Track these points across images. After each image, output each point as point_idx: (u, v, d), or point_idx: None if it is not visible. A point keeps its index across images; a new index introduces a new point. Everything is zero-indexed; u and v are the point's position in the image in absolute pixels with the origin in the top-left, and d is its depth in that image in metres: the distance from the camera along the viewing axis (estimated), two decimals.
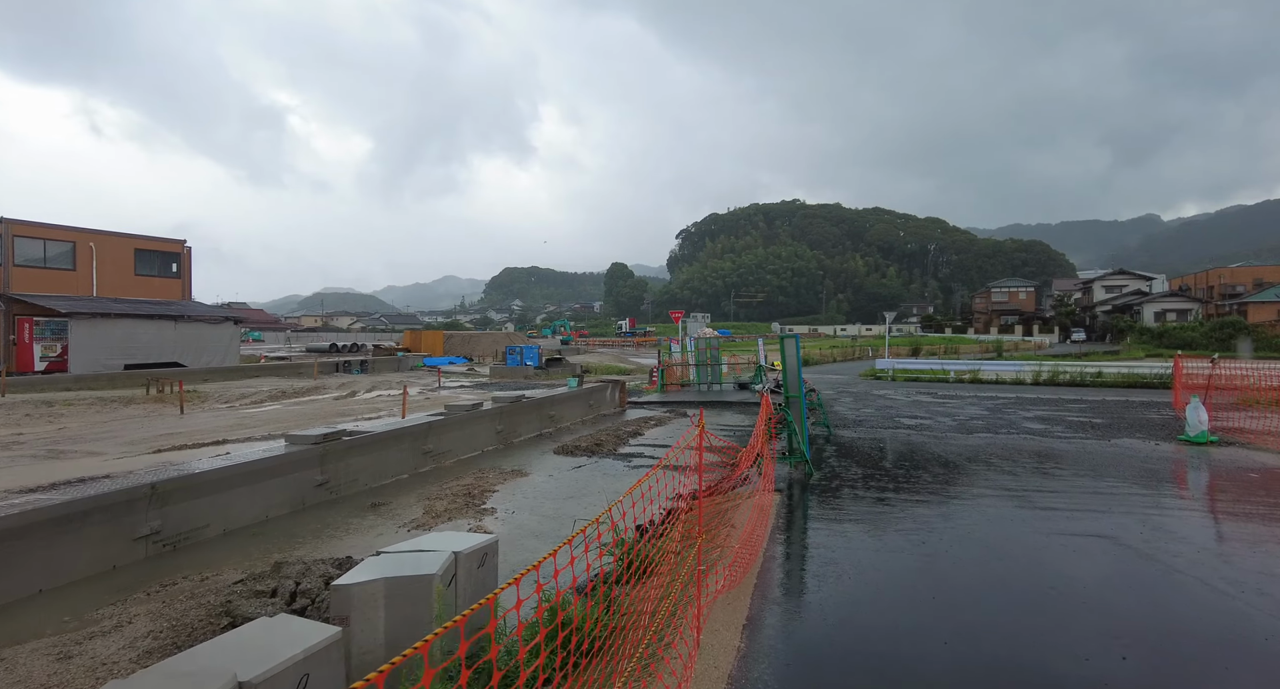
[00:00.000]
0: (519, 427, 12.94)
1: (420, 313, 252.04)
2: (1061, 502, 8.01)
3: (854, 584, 5.47)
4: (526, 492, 8.70)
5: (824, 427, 13.21)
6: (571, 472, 10.00)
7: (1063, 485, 8.79)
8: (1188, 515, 7.48)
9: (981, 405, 17.88)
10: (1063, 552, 6.20)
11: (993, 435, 12.80)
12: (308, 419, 15.16)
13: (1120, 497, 8.23)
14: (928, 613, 4.91)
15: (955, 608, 5.00)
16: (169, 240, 30.20)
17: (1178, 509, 7.73)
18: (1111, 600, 5.11)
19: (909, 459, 10.63)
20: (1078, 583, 5.45)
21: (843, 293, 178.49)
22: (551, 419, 14.32)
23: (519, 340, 47.52)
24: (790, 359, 9.09)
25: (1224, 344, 51.83)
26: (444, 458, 10.58)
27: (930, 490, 8.59)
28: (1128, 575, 5.64)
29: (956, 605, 5.04)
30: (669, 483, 9.47)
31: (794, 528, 7.08)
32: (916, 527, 7.00)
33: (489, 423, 11.99)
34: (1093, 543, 6.46)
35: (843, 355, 44.30)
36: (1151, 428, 13.55)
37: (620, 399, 18.44)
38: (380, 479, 9.22)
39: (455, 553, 4.20)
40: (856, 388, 23.68)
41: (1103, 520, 7.22)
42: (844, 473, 9.57)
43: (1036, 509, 7.68)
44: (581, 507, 7.93)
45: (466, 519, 7.33)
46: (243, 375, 26.34)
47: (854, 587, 5.42)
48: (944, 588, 5.36)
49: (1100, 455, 10.74)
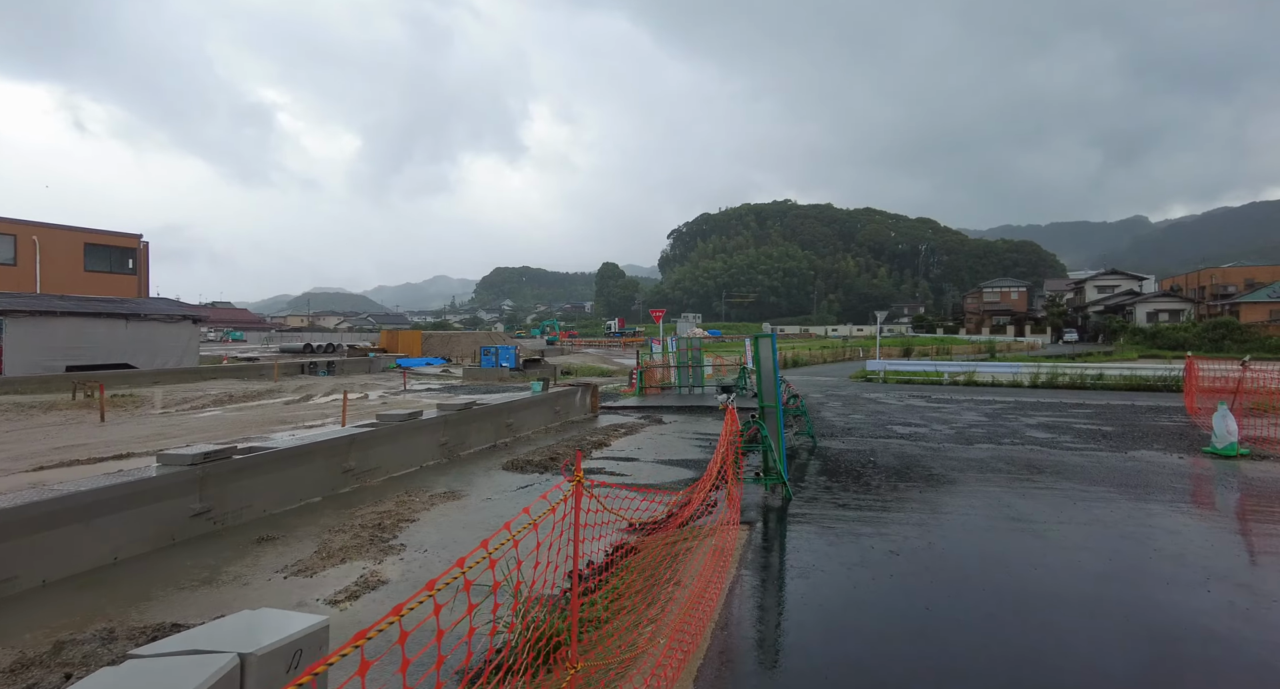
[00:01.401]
0: (468, 437, 11.56)
1: (410, 313, 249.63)
2: (1093, 539, 6.72)
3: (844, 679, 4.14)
4: (453, 521, 7.33)
5: (808, 436, 11.90)
6: (516, 493, 8.63)
7: (1085, 513, 7.51)
8: (1266, 565, 6.21)
9: (979, 411, 16.65)
10: (1119, 625, 4.90)
11: (995, 447, 11.54)
12: (242, 426, 13.71)
13: (1160, 530, 6.95)
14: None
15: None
16: (123, 235, 28.57)
17: (1237, 552, 6.46)
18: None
19: (905, 476, 9.33)
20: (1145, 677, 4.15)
21: (834, 293, 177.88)
22: (509, 428, 12.94)
23: (499, 340, 46.07)
24: (765, 362, 7.77)
25: (1216, 345, 51.08)
26: (370, 476, 9.19)
27: (933, 520, 7.29)
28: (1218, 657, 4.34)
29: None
30: (626, 507, 8.15)
31: (765, 581, 5.59)
32: (920, 575, 5.69)
33: (430, 434, 10.60)
34: (1149, 608, 5.17)
35: (833, 356, 43.14)
36: (1168, 437, 12.33)
37: (592, 404, 17.09)
38: (285, 504, 7.81)
39: (242, 657, 2.83)
40: (846, 391, 22.43)
41: (1152, 570, 5.94)
42: (829, 496, 8.24)
43: (1064, 549, 6.38)
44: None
45: (363, 561, 5.96)
46: (197, 378, 24.78)
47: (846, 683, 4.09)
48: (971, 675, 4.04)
49: (1120, 472, 9.48)
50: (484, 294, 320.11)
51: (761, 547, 6.49)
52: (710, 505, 7.08)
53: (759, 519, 7.28)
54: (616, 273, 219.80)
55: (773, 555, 6.23)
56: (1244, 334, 53.35)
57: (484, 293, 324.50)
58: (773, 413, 7.55)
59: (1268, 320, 58.01)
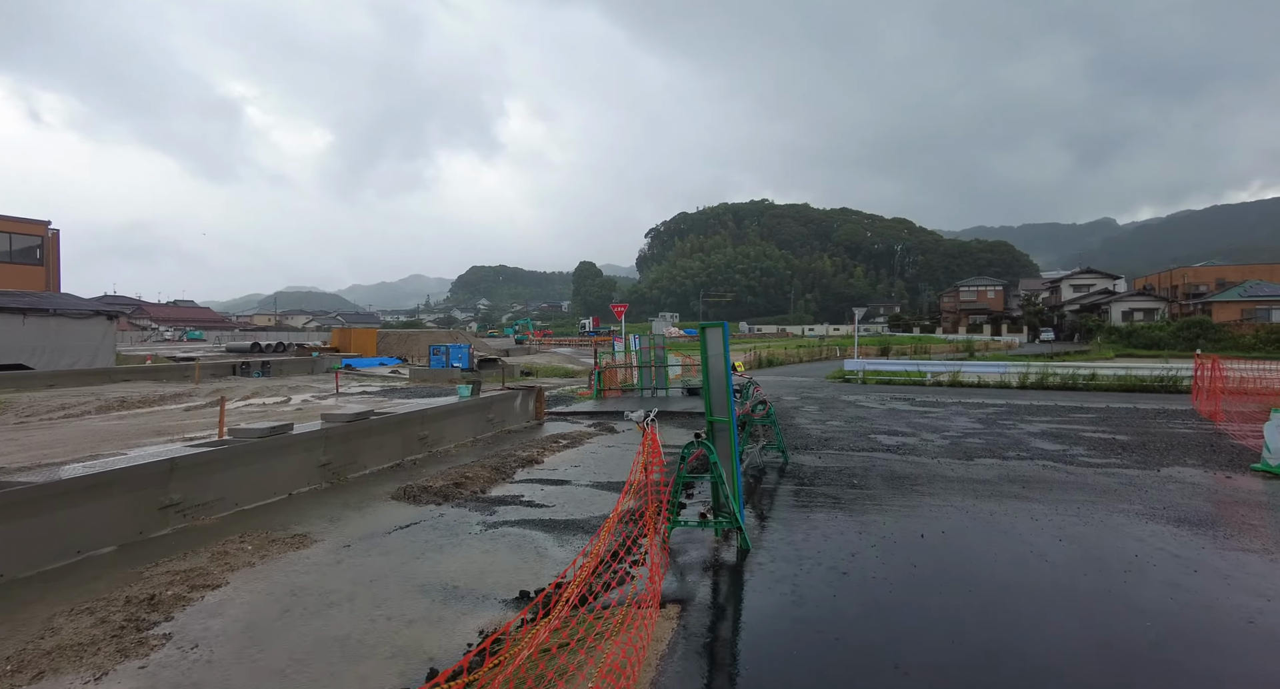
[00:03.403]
0: (361, 455, 9.37)
1: (383, 312, 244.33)
2: (1176, 605, 4.81)
3: None
4: (275, 587, 5.19)
5: (778, 451, 9.92)
6: (389, 536, 6.51)
7: (1139, 558, 5.61)
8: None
9: (971, 416, 14.85)
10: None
11: (1001, 462, 9.67)
12: (99, 441, 11.34)
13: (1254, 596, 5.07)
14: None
15: None
16: (28, 221, 25.72)
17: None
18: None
19: (898, 507, 7.38)
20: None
21: (811, 293, 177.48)
22: (423, 442, 10.76)
23: (464, 340, 43.58)
24: (715, 362, 5.73)
25: (1190, 344, 50.60)
26: (205, 512, 6.99)
27: (953, 584, 5.33)
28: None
29: None
30: (530, 552, 6.08)
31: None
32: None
33: (304, 453, 8.41)
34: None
35: (809, 356, 41.47)
36: (1198, 449, 10.56)
37: (536, 410, 14.96)
38: (47, 561, 5.59)
39: None
40: (823, 392, 20.59)
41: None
42: (803, 541, 6.23)
43: (1139, 618, 4.46)
44: (345, 625, 4.47)
45: (74, 676, 3.80)
46: (104, 380, 22.10)
47: None
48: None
49: (1162, 498, 7.63)
50: (460, 293, 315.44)
51: (699, 651, 4.15)
52: (623, 577, 5.04)
53: (701, 588, 5.19)
54: (594, 272, 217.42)
55: (718, 674, 3.92)
56: (1218, 333, 53.08)
57: (460, 292, 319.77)
58: (724, 431, 5.54)
59: (1240, 320, 57.89)
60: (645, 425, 5.11)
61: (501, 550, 6.12)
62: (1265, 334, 49.16)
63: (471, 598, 5.08)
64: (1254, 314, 57.91)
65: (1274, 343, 46.55)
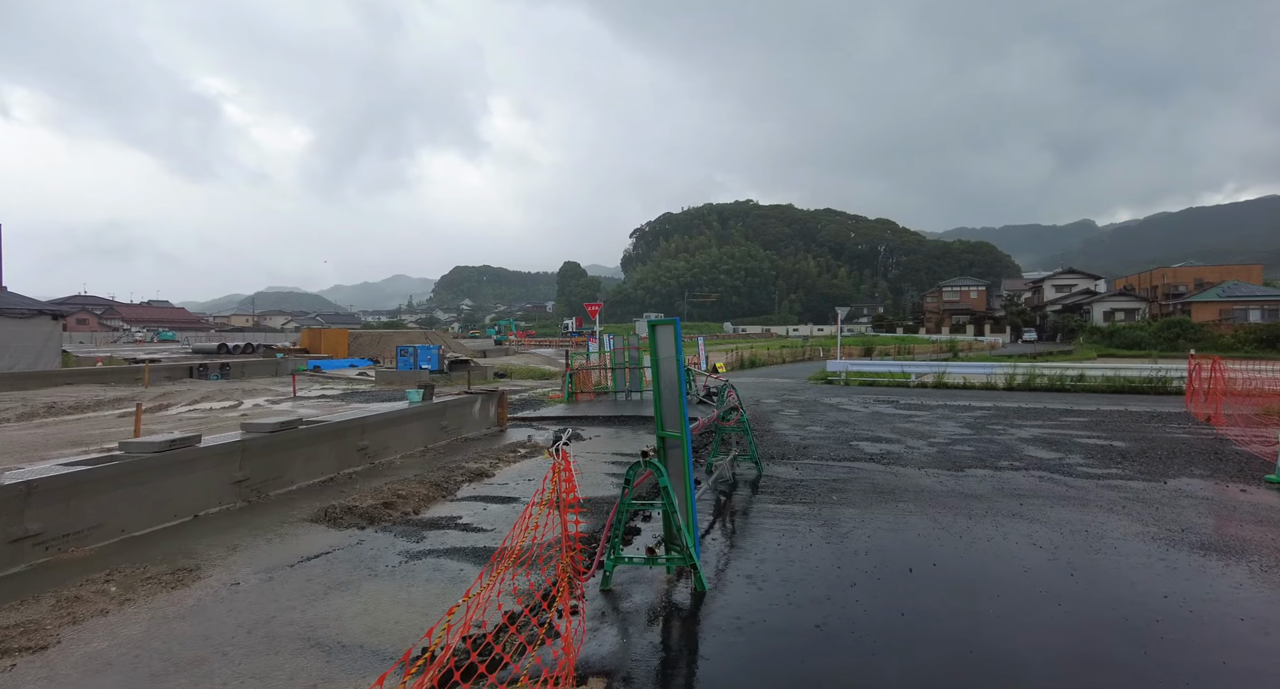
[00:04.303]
0: (288, 469, 8.35)
1: (364, 312, 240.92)
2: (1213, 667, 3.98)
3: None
4: (119, 645, 4.19)
5: (751, 462, 9.04)
6: (292, 570, 5.53)
7: (1170, 599, 4.79)
8: None
9: (958, 420, 14.10)
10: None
11: (993, 473, 8.87)
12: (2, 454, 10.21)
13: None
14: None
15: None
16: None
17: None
18: None
19: (883, 531, 6.52)
20: None
21: (795, 293, 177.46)
22: (363, 453, 9.76)
23: (434, 339, 42.31)
24: (666, 368, 4.78)
25: (1171, 344, 50.69)
26: (77, 542, 5.96)
27: (942, 637, 4.47)
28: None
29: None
30: (454, 592, 5.13)
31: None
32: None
33: (215, 469, 7.38)
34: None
35: (792, 356, 40.80)
36: (1202, 457, 9.84)
37: (499, 416, 13.98)
38: None
39: None
40: (804, 395, 19.80)
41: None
42: (771, 578, 5.32)
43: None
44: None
45: None
46: (44, 383, 20.76)
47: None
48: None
49: (1177, 517, 6.84)
50: (443, 294, 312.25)
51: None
52: (548, 623, 4.14)
53: (639, 647, 4.24)
54: (579, 272, 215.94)
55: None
56: (1197, 333, 53.35)
57: (443, 292, 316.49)
58: (677, 448, 4.62)
59: (1219, 320, 58.23)
60: (555, 451, 4.14)
61: (418, 589, 5.17)
62: (1244, 334, 49.40)
63: (364, 655, 4.13)
64: (1232, 314, 58.27)
65: (1253, 343, 46.72)
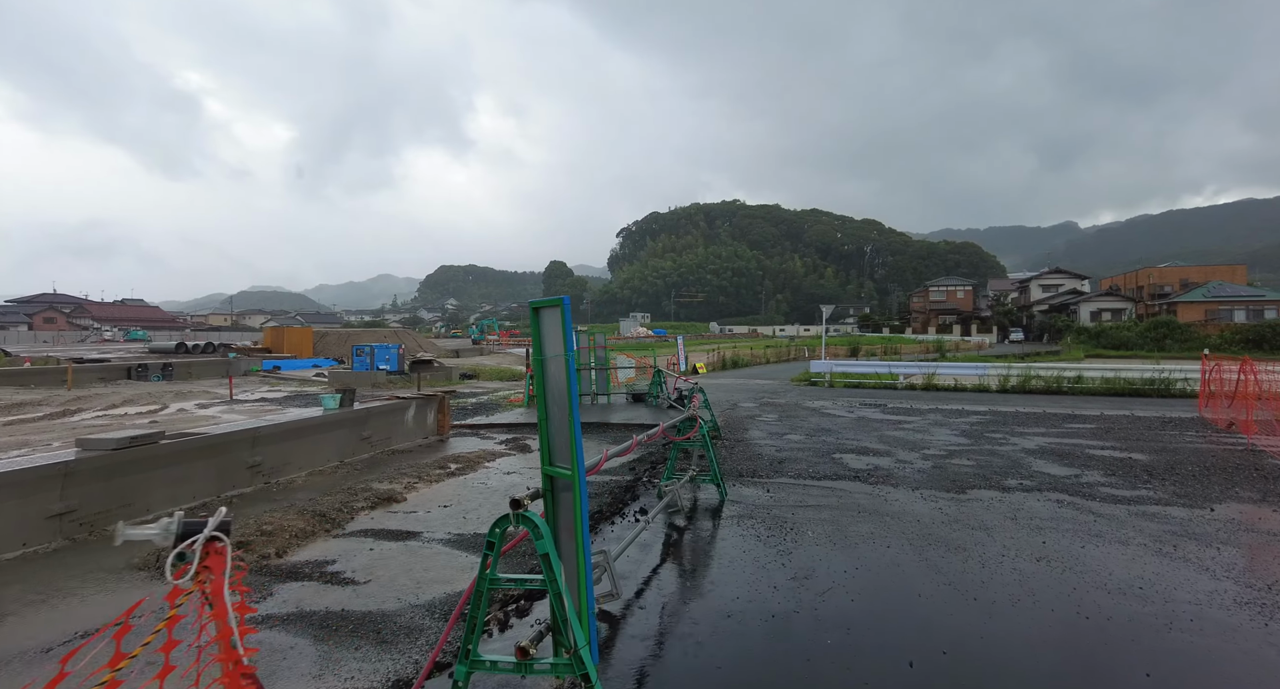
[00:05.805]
0: (140, 496, 6.74)
1: (348, 312, 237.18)
2: None
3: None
4: None
5: (715, 485, 7.55)
6: (43, 658, 3.95)
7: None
8: None
9: (952, 427, 12.72)
10: None
11: (1002, 496, 7.43)
12: None
13: None
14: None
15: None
16: None
17: None
18: None
19: (870, 592, 5.05)
20: None
21: (782, 293, 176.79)
22: (255, 471, 8.16)
23: (397, 337, 40.50)
24: (553, 369, 3.20)
25: (1158, 344, 50.09)
26: None
27: None
28: None
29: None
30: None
31: None
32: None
33: (19, 499, 5.77)
34: None
35: (776, 356, 39.46)
36: (1243, 474, 8.45)
37: (440, 423, 12.41)
38: None
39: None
40: (784, 398, 18.37)
41: None
42: (712, 681, 3.84)
43: None
44: None
45: None
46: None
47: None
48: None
49: (1251, 565, 5.42)
50: (428, 293, 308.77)
51: None
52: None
53: None
54: (565, 272, 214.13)
55: None
56: (1184, 333, 52.92)
57: (428, 292, 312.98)
58: (569, 491, 3.07)
59: (1204, 320, 57.86)
60: (169, 561, 1.85)
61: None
62: (1230, 334, 48.90)
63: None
64: (1217, 314, 57.93)
65: (1239, 343, 46.15)
